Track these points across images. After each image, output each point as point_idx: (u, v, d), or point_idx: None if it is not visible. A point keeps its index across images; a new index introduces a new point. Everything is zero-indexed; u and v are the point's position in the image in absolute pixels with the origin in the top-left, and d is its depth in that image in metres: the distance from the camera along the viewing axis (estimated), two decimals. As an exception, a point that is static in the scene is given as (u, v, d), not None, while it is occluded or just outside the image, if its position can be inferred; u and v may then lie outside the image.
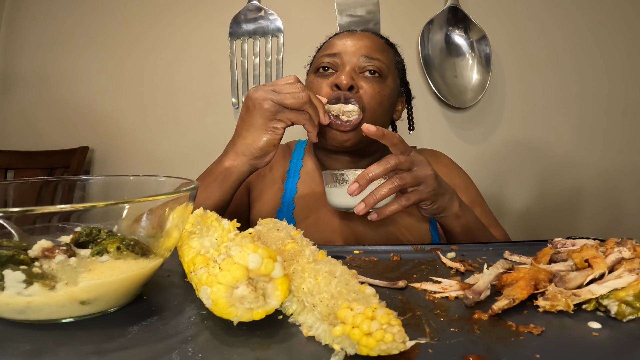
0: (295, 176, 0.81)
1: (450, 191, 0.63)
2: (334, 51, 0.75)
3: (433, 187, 0.59)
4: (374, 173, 0.56)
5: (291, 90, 0.61)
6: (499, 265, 0.39)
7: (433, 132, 1.51)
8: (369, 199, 0.56)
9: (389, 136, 0.57)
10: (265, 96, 0.60)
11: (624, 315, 0.32)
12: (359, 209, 0.57)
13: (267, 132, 0.61)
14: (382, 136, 0.57)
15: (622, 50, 1.48)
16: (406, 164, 0.57)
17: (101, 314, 0.34)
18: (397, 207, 0.58)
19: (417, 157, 0.59)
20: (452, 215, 0.63)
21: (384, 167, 0.56)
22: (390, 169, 0.56)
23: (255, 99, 0.61)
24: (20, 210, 0.28)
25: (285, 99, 0.60)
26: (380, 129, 0.56)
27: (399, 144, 0.58)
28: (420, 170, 0.58)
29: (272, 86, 0.62)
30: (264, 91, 0.61)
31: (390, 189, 0.56)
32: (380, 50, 0.76)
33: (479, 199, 0.82)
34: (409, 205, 0.58)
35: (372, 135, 0.56)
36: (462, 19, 1.46)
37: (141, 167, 1.55)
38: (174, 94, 1.54)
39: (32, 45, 1.57)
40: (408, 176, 0.57)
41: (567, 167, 1.50)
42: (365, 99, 0.71)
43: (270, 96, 0.60)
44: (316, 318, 0.30)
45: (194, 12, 1.53)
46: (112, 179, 0.47)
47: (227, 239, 0.34)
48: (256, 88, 0.63)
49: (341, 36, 0.78)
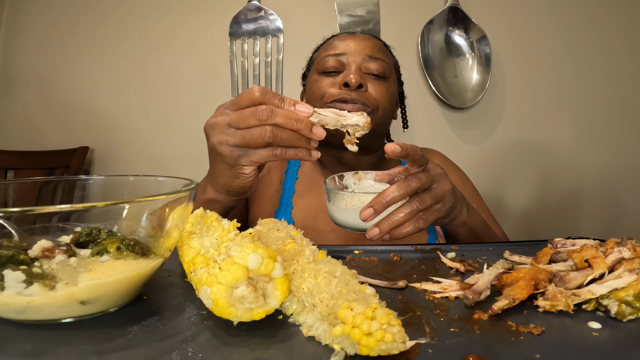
0: (293, 177, 0.81)
1: (460, 199, 0.59)
2: (338, 51, 0.75)
3: (451, 203, 0.54)
4: (392, 197, 0.49)
5: (248, 122, 0.47)
6: (499, 265, 0.39)
7: (433, 132, 1.51)
8: (384, 225, 0.50)
9: (412, 153, 0.50)
10: (219, 138, 0.49)
11: (624, 315, 0.32)
12: (372, 235, 0.50)
13: (235, 177, 0.52)
14: (407, 155, 0.50)
15: (621, 51, 1.48)
16: (427, 184, 0.52)
17: (101, 314, 0.34)
18: (412, 229, 0.51)
19: (435, 170, 0.54)
20: (460, 223, 0.60)
21: (404, 190, 0.50)
22: (411, 193, 0.50)
23: (209, 139, 0.51)
24: (20, 210, 0.28)
25: (240, 139, 0.48)
26: (404, 148, 0.49)
27: (419, 160, 0.51)
28: (440, 187, 0.53)
29: (229, 119, 0.49)
30: (219, 129, 0.49)
31: (409, 214, 0.50)
32: (381, 50, 0.78)
33: (476, 196, 0.83)
34: (426, 227, 0.52)
35: (397, 156, 0.49)
36: (462, 19, 1.46)
37: (141, 167, 1.55)
38: (174, 94, 1.54)
39: (32, 45, 1.57)
40: (428, 198, 0.52)
41: (567, 167, 1.50)
42: (376, 96, 0.72)
43: (224, 138, 0.49)
44: (316, 318, 0.30)
45: (194, 12, 1.53)
46: (112, 179, 0.47)
47: (227, 239, 0.34)
48: (214, 121, 0.50)
49: (342, 37, 0.78)
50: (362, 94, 0.71)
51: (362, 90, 0.71)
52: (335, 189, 0.56)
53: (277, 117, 0.46)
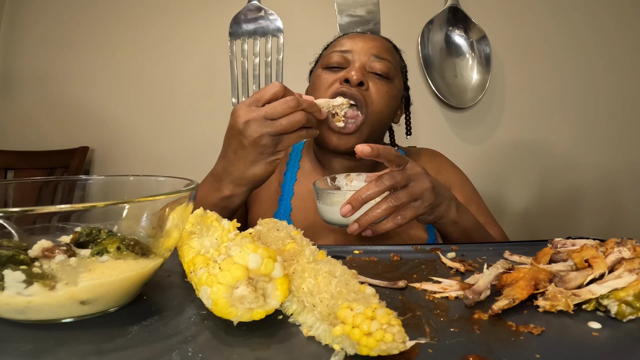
0: (292, 178, 0.81)
1: (447, 198, 0.61)
2: (344, 48, 0.75)
3: (430, 201, 0.56)
4: (367, 194, 0.53)
5: (285, 111, 0.54)
6: (499, 265, 0.39)
7: (433, 132, 1.51)
8: (363, 221, 0.54)
9: (385, 153, 0.54)
10: (260, 131, 0.54)
11: (624, 315, 0.32)
12: (352, 230, 0.55)
13: (267, 165, 0.58)
14: (378, 155, 0.53)
15: (622, 51, 1.48)
16: (402, 182, 0.55)
17: (101, 314, 0.34)
18: (392, 225, 0.56)
19: (414, 170, 0.57)
20: (449, 222, 0.61)
21: (379, 188, 0.53)
22: (386, 190, 0.54)
23: (248, 135, 0.55)
24: (20, 210, 0.28)
25: (282, 127, 0.54)
26: (375, 148, 0.53)
27: (395, 160, 0.55)
28: (417, 185, 0.56)
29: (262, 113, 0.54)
30: (257, 124, 0.54)
31: (385, 210, 0.54)
32: (389, 51, 0.77)
33: (475, 197, 0.83)
34: (404, 223, 0.56)
35: (367, 156, 0.53)
36: (462, 19, 1.46)
37: (141, 167, 1.55)
38: (174, 94, 1.54)
39: (32, 45, 1.57)
40: (404, 195, 0.55)
41: (567, 167, 1.50)
42: (374, 97, 0.72)
43: (267, 130, 0.54)
44: (316, 318, 0.30)
45: (194, 12, 1.53)
46: (112, 179, 0.47)
47: (227, 239, 0.34)
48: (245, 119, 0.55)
49: (351, 36, 0.79)
50: (362, 92, 0.71)
51: (363, 88, 0.71)
52: (324, 188, 0.60)
53: (303, 104, 0.55)
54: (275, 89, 0.55)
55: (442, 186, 0.61)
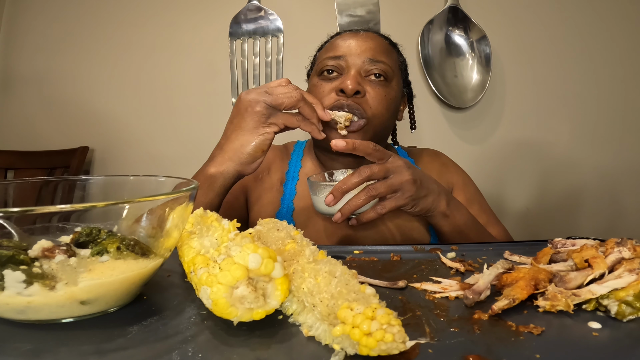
0: (294, 178, 0.80)
1: (435, 191, 0.63)
2: (338, 53, 0.74)
3: (411, 192, 0.59)
4: (346, 185, 0.57)
5: (283, 90, 0.60)
6: (499, 265, 0.39)
7: (433, 132, 1.51)
8: (345, 209, 0.58)
9: (362, 147, 0.57)
10: (257, 98, 0.60)
11: (624, 315, 0.32)
12: (336, 218, 0.59)
13: (258, 136, 0.61)
14: (354, 149, 0.57)
15: (622, 51, 1.48)
16: (380, 174, 0.58)
17: (101, 314, 0.34)
18: (373, 214, 0.60)
19: (395, 163, 0.59)
20: (438, 214, 0.64)
21: (357, 179, 0.57)
22: (363, 180, 0.57)
23: (247, 101, 0.61)
24: (20, 210, 0.28)
25: (278, 98, 0.60)
26: (350, 142, 0.57)
27: (373, 153, 0.58)
28: (396, 177, 0.59)
29: (264, 88, 0.61)
30: (256, 93, 0.61)
31: (364, 200, 0.58)
32: (384, 52, 0.75)
33: (477, 197, 0.82)
34: (385, 212, 0.59)
35: (342, 150, 0.57)
36: (462, 19, 1.46)
37: (141, 167, 1.55)
38: (174, 94, 1.54)
39: (32, 45, 1.57)
40: (381, 186, 0.58)
41: (567, 167, 1.50)
42: (372, 103, 0.71)
43: (263, 98, 0.60)
44: (316, 318, 0.30)
45: (194, 12, 1.53)
46: (112, 179, 0.47)
47: (227, 239, 0.34)
48: (248, 91, 0.62)
49: (344, 37, 0.76)
50: (359, 100, 0.70)
51: (360, 96, 0.70)
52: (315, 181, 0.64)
53: (304, 92, 0.61)
54: (282, 81, 0.62)
55: (429, 179, 0.63)
